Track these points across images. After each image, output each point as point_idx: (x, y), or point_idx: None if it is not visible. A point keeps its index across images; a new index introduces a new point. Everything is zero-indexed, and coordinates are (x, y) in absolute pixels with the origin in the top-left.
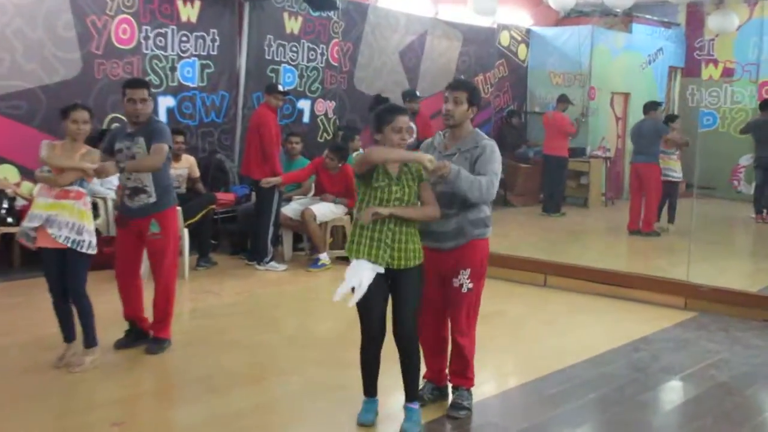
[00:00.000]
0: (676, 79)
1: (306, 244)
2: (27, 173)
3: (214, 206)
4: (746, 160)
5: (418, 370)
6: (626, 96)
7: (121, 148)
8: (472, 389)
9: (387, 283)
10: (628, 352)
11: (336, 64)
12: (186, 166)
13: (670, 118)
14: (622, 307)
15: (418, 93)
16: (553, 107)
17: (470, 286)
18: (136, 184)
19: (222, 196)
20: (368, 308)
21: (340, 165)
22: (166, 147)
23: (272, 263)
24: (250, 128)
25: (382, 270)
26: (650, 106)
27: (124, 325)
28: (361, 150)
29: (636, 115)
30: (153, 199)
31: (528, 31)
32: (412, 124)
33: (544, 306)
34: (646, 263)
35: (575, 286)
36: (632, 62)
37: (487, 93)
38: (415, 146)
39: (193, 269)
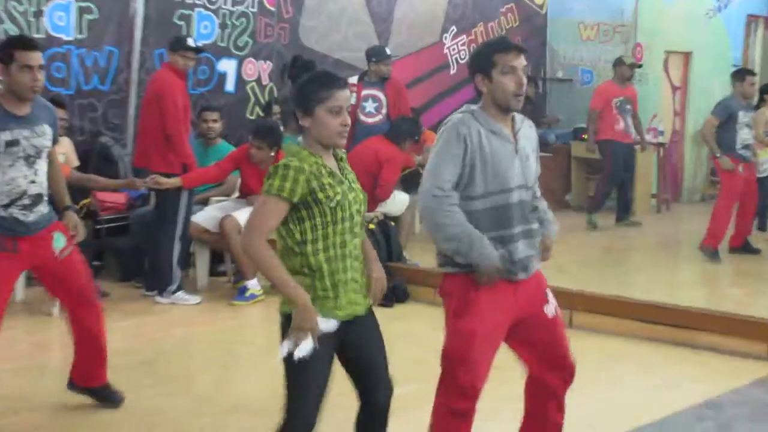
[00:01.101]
0: (757, 31)
1: (229, 267)
2: None
3: (87, 202)
4: None
5: None
6: (686, 56)
7: (17, 140)
8: None
9: (335, 345)
10: (689, 423)
11: (273, 9)
12: (62, 152)
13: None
14: (680, 357)
15: (388, 51)
16: (587, 76)
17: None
18: (39, 190)
19: (108, 198)
20: (311, 382)
21: (272, 154)
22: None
23: (180, 294)
24: (148, 100)
25: (334, 327)
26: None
27: None
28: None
29: (701, 82)
30: (48, 207)
31: None
32: (381, 95)
33: None
34: (716, 294)
35: (612, 327)
36: (694, 9)
37: None
38: (388, 126)
39: None
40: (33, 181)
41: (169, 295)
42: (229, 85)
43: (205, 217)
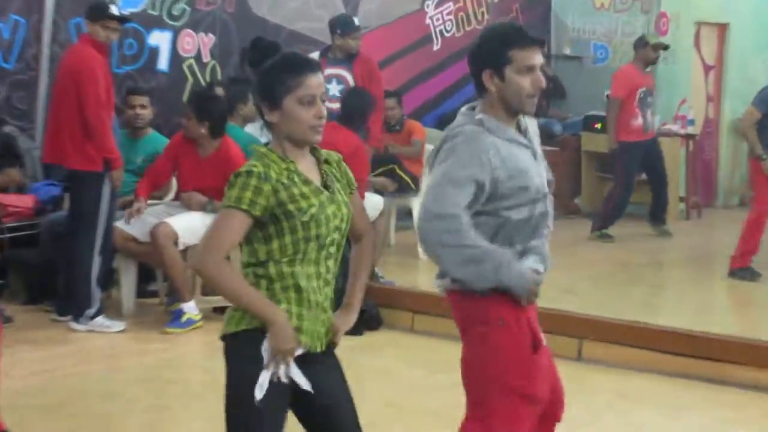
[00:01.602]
0: None
1: (161, 286)
2: None
3: None
4: None
5: None
6: (722, 28)
7: None
8: None
9: (291, 386)
10: None
11: None
12: None
13: None
14: (712, 397)
15: (357, 21)
16: (600, 52)
17: None
18: None
19: (11, 201)
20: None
21: (204, 132)
22: None
23: (100, 319)
24: (62, 80)
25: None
26: None
27: None
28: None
29: (739, 60)
30: None
31: None
32: (348, 75)
33: (577, 395)
34: (754, 320)
35: (629, 360)
36: None
37: (481, 21)
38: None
39: None
40: None
41: (86, 320)
42: (162, 63)
43: (132, 224)
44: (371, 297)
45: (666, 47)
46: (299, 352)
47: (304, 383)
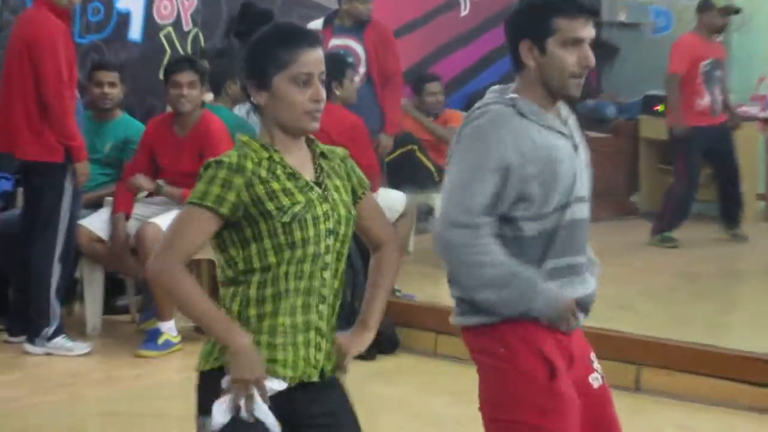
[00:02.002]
0: None
1: (132, 300)
2: None
3: None
4: None
5: None
6: None
7: None
8: None
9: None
10: None
11: None
12: None
13: None
14: None
15: None
16: (661, 19)
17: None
18: None
19: None
20: None
21: (197, 112)
22: None
23: (60, 340)
24: (15, 53)
25: (281, 387)
26: None
27: None
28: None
29: None
30: None
31: None
32: (358, 47)
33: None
34: None
35: (697, 390)
36: None
37: None
38: (369, 92)
39: None
40: None
41: (44, 341)
42: (134, 32)
43: (100, 221)
44: (386, 314)
45: (737, 11)
46: (277, 387)
47: (273, 424)
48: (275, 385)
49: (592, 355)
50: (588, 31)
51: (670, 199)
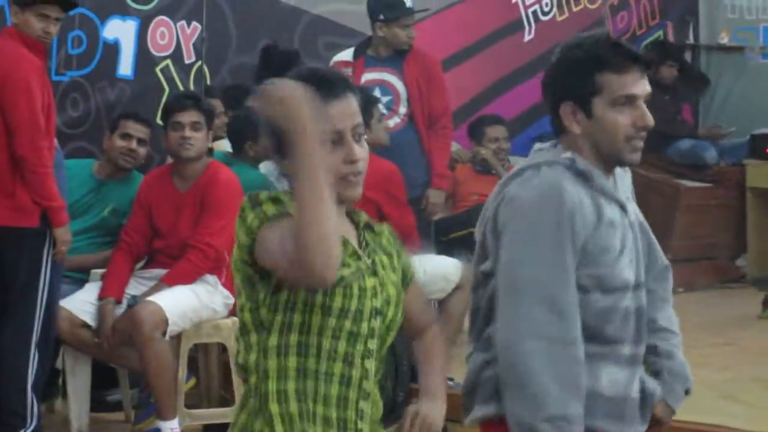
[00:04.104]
0: None
1: (126, 393)
2: None
3: None
4: None
5: None
6: None
7: None
8: None
9: None
10: None
11: None
12: None
13: None
14: None
15: (409, 1)
16: None
17: None
18: None
19: None
20: None
21: (202, 161)
22: None
23: None
24: None
25: None
26: None
27: None
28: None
29: None
30: None
31: None
32: (397, 82)
33: None
34: None
35: None
36: None
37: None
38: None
39: None
40: None
41: None
42: (125, 66)
43: (84, 302)
44: None
45: None
46: None
47: None
48: None
49: None
50: (642, 87)
51: None
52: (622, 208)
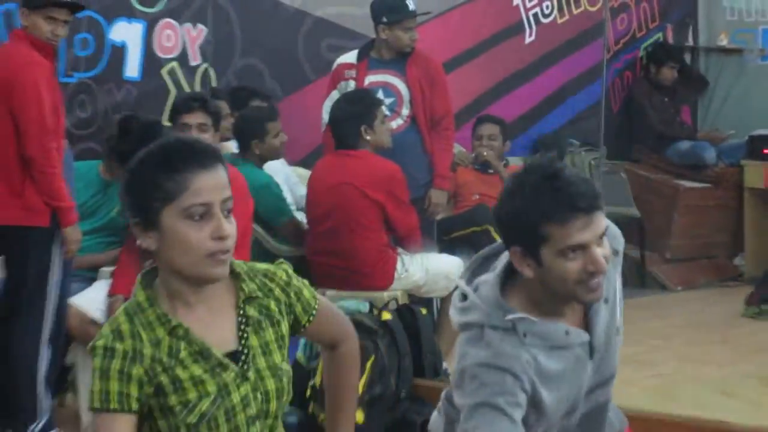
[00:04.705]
0: None
1: None
2: None
3: None
4: None
5: None
6: None
7: None
8: None
9: None
10: None
11: None
12: None
13: None
14: None
15: (412, 4)
16: None
17: None
18: None
19: None
20: None
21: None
22: None
23: None
24: None
25: None
26: None
27: None
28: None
29: None
30: None
31: None
32: (400, 84)
33: None
34: None
35: None
36: None
37: (595, 1)
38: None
39: None
40: None
41: None
42: (131, 69)
43: (94, 300)
44: (433, 401)
45: None
46: None
47: None
48: None
49: None
50: (591, 232)
51: None
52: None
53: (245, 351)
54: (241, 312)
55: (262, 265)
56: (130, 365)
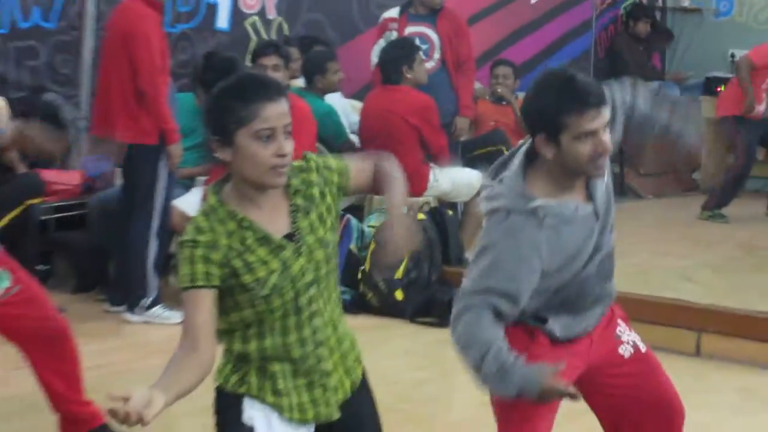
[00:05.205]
0: None
1: None
2: None
3: (39, 200)
4: None
5: None
6: None
7: None
8: None
9: None
10: None
11: None
12: None
13: None
14: None
15: None
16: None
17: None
18: None
19: (57, 178)
20: None
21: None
22: None
23: (157, 309)
24: (112, 42)
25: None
26: None
27: None
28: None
29: None
30: None
31: None
32: (432, 33)
33: (697, 395)
34: None
35: (755, 355)
36: None
37: None
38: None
39: None
40: None
41: (142, 311)
42: (222, 21)
43: (192, 202)
44: (458, 284)
45: None
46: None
47: None
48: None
49: (619, 330)
50: (599, 121)
51: (728, 176)
52: (593, 212)
53: (296, 232)
54: (291, 203)
55: (297, 162)
56: (211, 251)
